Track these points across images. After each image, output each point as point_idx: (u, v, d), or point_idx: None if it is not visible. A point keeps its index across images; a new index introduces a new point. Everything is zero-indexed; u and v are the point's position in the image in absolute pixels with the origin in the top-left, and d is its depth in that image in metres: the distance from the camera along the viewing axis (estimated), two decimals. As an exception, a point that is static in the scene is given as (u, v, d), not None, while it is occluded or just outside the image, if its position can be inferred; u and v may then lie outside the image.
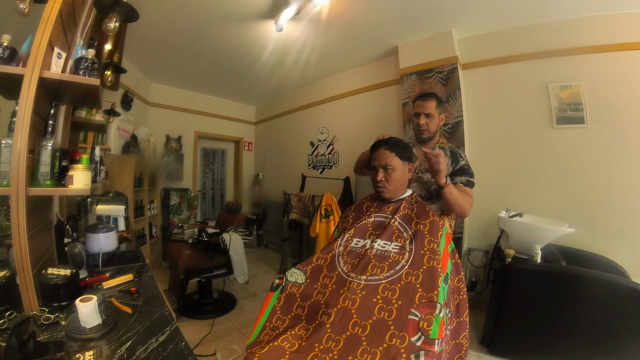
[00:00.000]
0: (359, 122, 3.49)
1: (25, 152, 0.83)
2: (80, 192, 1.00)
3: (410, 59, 2.82)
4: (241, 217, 2.98)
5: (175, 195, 4.11)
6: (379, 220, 1.17)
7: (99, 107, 1.50)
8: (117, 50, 2.07)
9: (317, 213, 3.01)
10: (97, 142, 1.79)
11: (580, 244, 2.11)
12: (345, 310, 0.91)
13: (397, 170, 1.18)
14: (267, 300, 1.04)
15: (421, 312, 0.87)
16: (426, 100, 1.43)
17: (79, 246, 1.23)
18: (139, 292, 1.07)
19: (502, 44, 2.52)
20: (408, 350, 0.80)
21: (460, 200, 1.23)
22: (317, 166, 4.04)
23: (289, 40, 2.83)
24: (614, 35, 2.11)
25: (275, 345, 0.87)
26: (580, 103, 2.22)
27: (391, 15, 2.41)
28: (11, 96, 1.02)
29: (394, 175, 1.18)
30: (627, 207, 2.06)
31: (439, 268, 0.96)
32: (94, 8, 1.28)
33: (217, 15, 2.44)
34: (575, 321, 1.66)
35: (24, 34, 0.91)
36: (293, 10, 2.25)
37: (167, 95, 4.24)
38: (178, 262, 2.35)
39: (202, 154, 5.00)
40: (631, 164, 2.05)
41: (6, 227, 1.23)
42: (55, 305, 0.89)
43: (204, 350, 1.89)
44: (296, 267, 1.11)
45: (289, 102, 4.57)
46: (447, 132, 2.59)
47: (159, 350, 0.73)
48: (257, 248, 4.66)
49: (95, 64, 1.03)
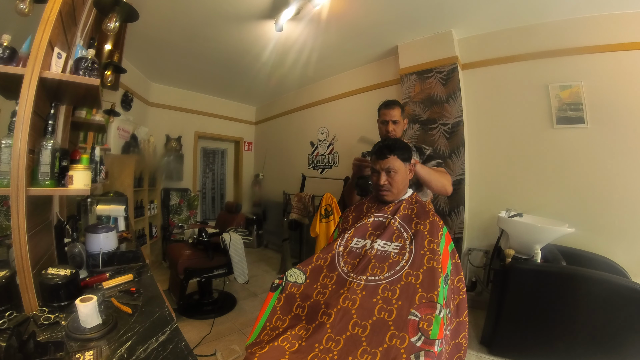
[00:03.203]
0: (359, 122, 3.49)
1: (25, 152, 0.83)
2: (80, 192, 1.00)
3: (410, 59, 2.82)
4: (241, 217, 2.98)
5: (175, 195, 4.11)
6: (379, 221, 1.17)
7: (99, 107, 1.50)
8: (117, 50, 2.06)
9: (317, 213, 3.01)
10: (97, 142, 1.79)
11: (580, 244, 2.11)
12: (345, 311, 0.91)
13: (400, 172, 1.18)
14: (267, 300, 1.04)
15: (421, 313, 0.87)
16: (392, 109, 1.59)
17: (79, 246, 1.23)
18: (139, 292, 1.07)
19: (502, 44, 2.52)
20: (408, 350, 0.80)
21: (435, 175, 1.35)
22: (317, 166, 4.04)
23: (289, 40, 2.83)
24: (614, 35, 2.11)
25: (275, 345, 0.87)
26: (580, 103, 2.22)
27: (391, 15, 2.41)
28: (11, 96, 1.02)
29: (396, 178, 1.17)
30: (627, 207, 2.06)
31: (439, 268, 0.96)
32: (94, 8, 1.28)
33: (217, 15, 2.44)
34: (575, 321, 1.66)
35: (24, 34, 0.91)
36: (293, 10, 2.25)
37: (167, 95, 4.24)
38: (178, 262, 2.35)
39: (202, 154, 5.00)
40: (631, 164, 2.05)
41: (6, 227, 1.23)
42: (55, 305, 0.89)
43: (204, 350, 1.89)
44: (296, 267, 1.11)
45: (289, 102, 4.57)
46: (447, 132, 2.59)
47: (159, 350, 0.73)
48: (257, 248, 4.65)
49: (95, 64, 1.03)
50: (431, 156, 1.55)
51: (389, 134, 1.59)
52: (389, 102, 1.64)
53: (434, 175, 1.36)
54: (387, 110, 1.61)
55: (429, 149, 1.58)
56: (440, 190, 1.39)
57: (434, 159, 1.53)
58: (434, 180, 1.35)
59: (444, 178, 1.39)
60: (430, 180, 1.34)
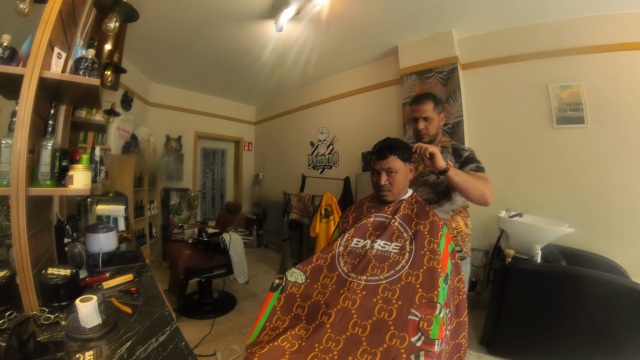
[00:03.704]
0: (359, 122, 3.49)
1: (25, 152, 0.83)
2: (80, 192, 1.00)
3: (410, 59, 2.82)
4: (241, 217, 2.98)
5: (175, 195, 4.11)
6: (379, 221, 1.17)
7: (99, 107, 1.50)
8: (117, 50, 2.06)
9: (317, 213, 3.01)
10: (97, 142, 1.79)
11: (580, 244, 2.11)
12: (345, 311, 0.91)
13: (400, 172, 1.18)
14: (267, 300, 1.04)
15: (421, 313, 0.87)
16: (422, 104, 1.36)
17: (79, 246, 1.23)
18: (139, 292, 1.07)
19: (502, 44, 2.52)
20: (408, 350, 0.80)
21: (472, 182, 1.15)
22: (317, 166, 4.04)
23: (289, 40, 2.83)
24: (614, 35, 2.11)
25: (275, 345, 0.87)
26: (580, 103, 2.22)
27: (391, 15, 2.41)
28: (11, 96, 1.02)
29: (397, 178, 1.17)
30: (627, 207, 2.06)
31: (439, 268, 0.96)
32: (94, 8, 1.28)
33: (217, 15, 2.44)
34: (575, 321, 1.66)
35: (24, 34, 0.91)
36: (293, 10, 2.25)
37: (167, 95, 4.24)
38: (178, 262, 2.35)
39: (202, 154, 5.00)
40: (631, 164, 2.05)
41: (6, 227, 1.23)
42: (55, 305, 0.89)
43: (204, 350, 1.89)
44: (296, 267, 1.11)
45: (289, 102, 4.57)
46: (447, 132, 2.59)
47: (159, 350, 0.73)
48: (257, 248, 4.65)
49: (95, 64, 1.03)
50: (470, 158, 1.30)
51: (419, 133, 1.37)
52: (419, 95, 1.41)
53: (472, 181, 1.15)
54: (416, 106, 1.37)
55: (467, 150, 1.34)
56: (478, 199, 1.16)
57: (473, 161, 1.28)
58: (472, 189, 1.14)
59: (483, 185, 1.16)
60: (467, 188, 1.14)
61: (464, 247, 1.35)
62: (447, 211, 1.33)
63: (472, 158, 1.30)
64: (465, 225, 1.36)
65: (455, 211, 1.33)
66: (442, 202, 1.33)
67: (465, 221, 1.36)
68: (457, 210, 1.33)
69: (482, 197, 1.15)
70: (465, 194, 1.16)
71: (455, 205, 1.32)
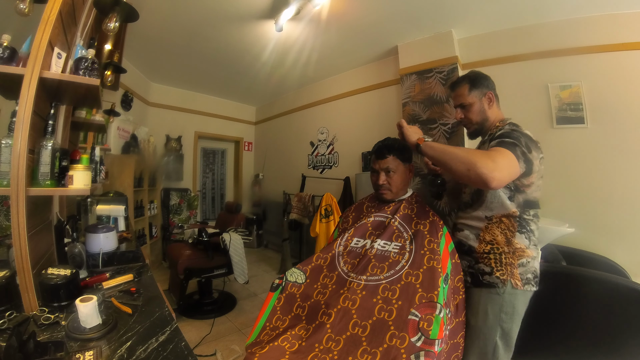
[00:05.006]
0: (359, 122, 3.49)
1: (25, 152, 0.83)
2: (80, 192, 1.00)
3: (410, 59, 2.82)
4: (241, 217, 2.98)
5: (175, 195, 4.11)
6: (379, 220, 1.17)
7: (99, 107, 1.50)
8: (117, 50, 2.06)
9: (317, 213, 3.01)
10: (97, 142, 1.80)
11: (580, 244, 2.11)
12: (345, 311, 0.91)
13: (399, 172, 1.18)
14: (267, 300, 1.04)
15: (421, 313, 0.87)
16: (455, 89, 1.18)
17: (79, 246, 1.23)
18: (139, 292, 1.07)
19: (502, 44, 2.52)
20: (408, 350, 0.80)
21: (454, 153, 0.90)
22: (317, 166, 4.04)
23: (289, 40, 2.83)
24: (614, 35, 2.11)
25: (275, 345, 0.87)
26: (580, 103, 2.22)
27: (391, 15, 2.41)
28: (11, 96, 1.02)
29: (395, 178, 1.18)
30: (627, 207, 2.06)
31: (439, 268, 0.96)
32: (94, 8, 1.28)
33: (217, 15, 2.44)
34: (575, 321, 1.66)
35: (24, 34, 0.91)
36: (293, 10, 2.25)
37: (167, 95, 4.24)
38: (178, 262, 2.35)
39: (202, 154, 5.00)
40: (631, 164, 2.05)
41: (6, 227, 1.23)
42: (55, 305, 0.89)
43: (204, 350, 1.89)
44: (296, 267, 1.11)
45: (289, 102, 4.57)
46: (447, 132, 2.59)
47: (159, 350, 0.73)
48: (257, 248, 4.66)
49: (95, 64, 1.03)
50: (499, 135, 0.98)
51: (461, 122, 1.22)
52: (456, 80, 1.21)
53: (454, 153, 0.90)
54: (452, 93, 1.21)
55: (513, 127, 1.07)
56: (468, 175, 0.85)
57: (502, 137, 0.97)
58: (455, 162, 0.88)
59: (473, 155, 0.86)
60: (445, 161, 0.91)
61: (496, 270, 0.99)
62: (481, 218, 1.04)
63: (502, 134, 0.98)
64: (506, 241, 1.00)
65: (492, 220, 1.02)
66: (475, 206, 1.07)
67: (507, 236, 1.00)
68: (496, 219, 1.02)
69: (473, 172, 0.83)
70: (449, 171, 0.92)
71: (490, 210, 1.02)
